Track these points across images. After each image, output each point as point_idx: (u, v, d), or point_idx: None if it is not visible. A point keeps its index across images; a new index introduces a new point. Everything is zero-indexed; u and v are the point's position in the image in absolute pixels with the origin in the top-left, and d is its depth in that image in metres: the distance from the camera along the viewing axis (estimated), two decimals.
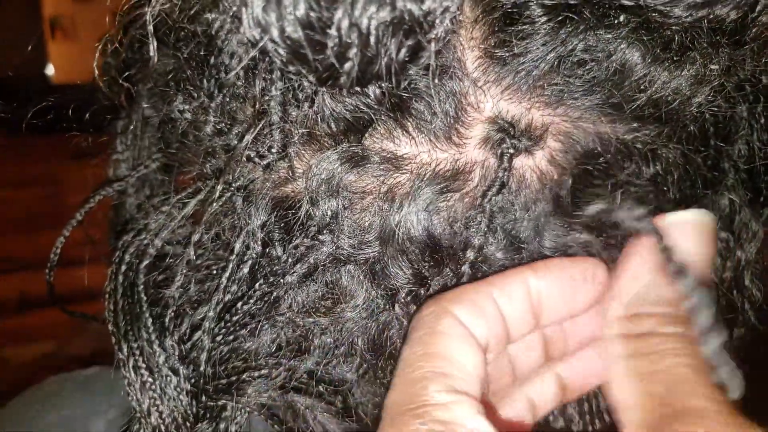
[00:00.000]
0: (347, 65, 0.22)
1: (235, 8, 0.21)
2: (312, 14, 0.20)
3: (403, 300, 0.29)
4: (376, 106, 0.25)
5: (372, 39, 0.21)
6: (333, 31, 0.21)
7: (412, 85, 0.25)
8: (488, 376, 0.26)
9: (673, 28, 0.25)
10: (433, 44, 0.22)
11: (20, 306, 2.22)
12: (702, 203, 0.34)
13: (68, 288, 0.46)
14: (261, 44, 0.21)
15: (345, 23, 0.20)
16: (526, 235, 0.28)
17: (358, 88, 0.24)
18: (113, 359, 0.49)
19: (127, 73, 0.33)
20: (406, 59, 0.22)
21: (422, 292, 0.28)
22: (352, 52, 0.21)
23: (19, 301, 2.24)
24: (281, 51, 0.22)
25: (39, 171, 3.32)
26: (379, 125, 0.27)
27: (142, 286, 0.31)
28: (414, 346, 0.25)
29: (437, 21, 0.21)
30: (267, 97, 0.27)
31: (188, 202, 0.31)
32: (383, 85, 0.24)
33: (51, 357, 1.59)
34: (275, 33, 0.21)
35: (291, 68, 0.22)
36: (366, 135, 0.27)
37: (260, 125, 0.27)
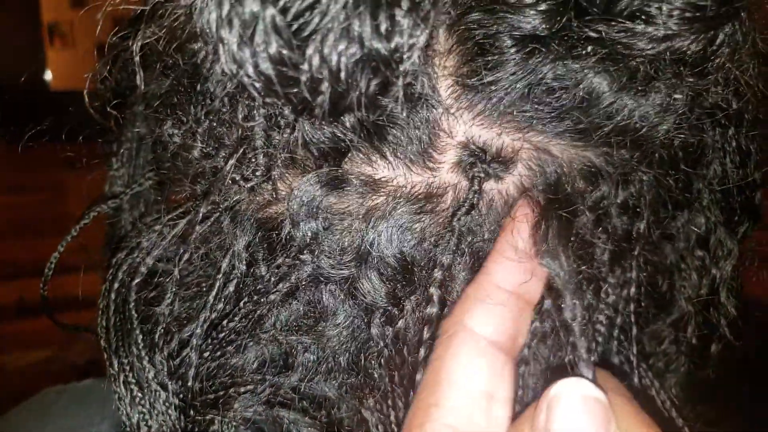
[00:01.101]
0: (320, 99, 0.23)
1: (212, 44, 0.22)
2: (284, 51, 0.21)
3: (378, 321, 0.30)
4: (351, 135, 0.27)
5: (342, 74, 0.22)
6: (305, 67, 0.22)
7: (387, 113, 0.26)
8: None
9: (638, 59, 0.26)
10: (401, 79, 0.23)
11: (18, 312, 2.23)
12: (677, 223, 0.35)
13: (66, 295, 0.47)
14: (237, 79, 0.22)
15: (316, 60, 0.22)
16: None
17: (331, 119, 0.25)
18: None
19: (117, 98, 0.35)
20: (377, 92, 0.23)
21: (396, 312, 0.29)
22: (324, 86, 0.22)
23: (17, 306, 2.25)
24: (257, 85, 0.23)
25: (39, 178, 3.33)
26: (357, 150, 0.28)
27: (133, 304, 0.32)
28: (426, 371, 0.27)
29: (405, 56, 0.22)
30: (250, 123, 0.28)
31: (178, 222, 0.32)
32: (358, 114, 0.25)
33: (48, 363, 1.60)
34: (250, 69, 0.22)
35: (267, 100, 0.23)
36: (345, 159, 0.28)
37: (242, 149, 0.28)
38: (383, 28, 0.21)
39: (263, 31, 0.21)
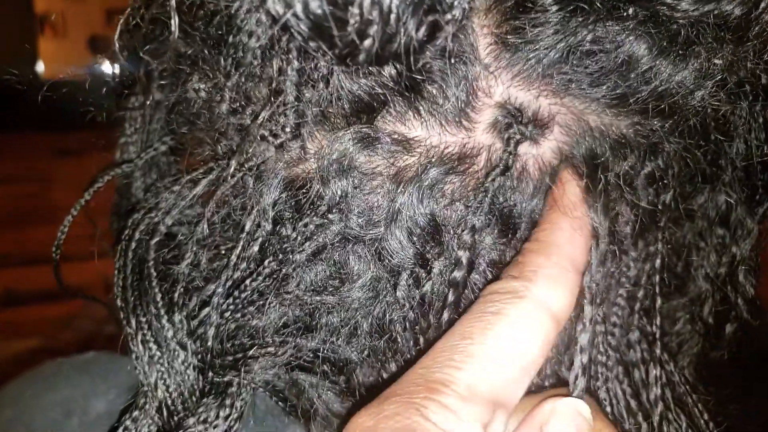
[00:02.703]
0: (367, 42, 0.22)
1: None
2: None
3: (404, 282, 0.29)
4: (390, 87, 0.26)
5: (392, 17, 0.22)
6: (355, 8, 0.21)
7: (426, 68, 0.26)
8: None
9: (680, 21, 0.26)
10: (450, 25, 0.22)
11: (6, 302, 2.20)
12: (699, 200, 0.35)
13: (55, 284, 0.46)
14: (284, 19, 0.22)
15: (367, 1, 0.21)
16: (519, 222, 0.29)
17: (375, 68, 0.24)
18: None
19: (146, 47, 0.34)
20: (424, 39, 0.23)
21: (423, 274, 0.29)
22: (373, 29, 0.22)
23: (5, 296, 2.22)
24: (303, 26, 0.22)
25: (25, 167, 3.30)
26: (391, 107, 0.27)
27: (152, 262, 0.31)
28: (458, 329, 0.25)
29: (455, 2, 0.22)
30: (282, 77, 0.27)
31: (200, 181, 0.32)
32: (399, 66, 0.25)
33: (37, 352, 1.58)
34: (298, 8, 0.22)
35: (311, 44, 0.23)
36: (378, 117, 0.28)
37: (275, 105, 0.28)
38: None
39: None
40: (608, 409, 0.31)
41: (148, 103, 0.40)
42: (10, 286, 2.25)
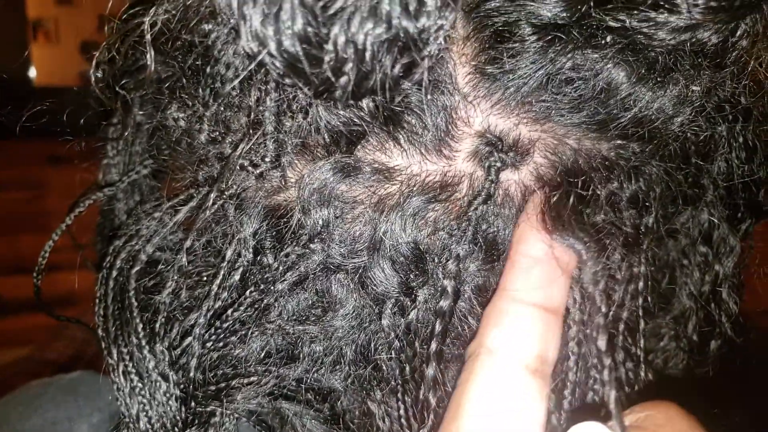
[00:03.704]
0: (343, 80, 0.22)
1: (233, 21, 0.22)
2: (309, 29, 0.21)
3: (389, 311, 0.29)
4: (369, 119, 0.26)
5: (368, 55, 0.21)
6: (329, 46, 0.21)
7: (405, 99, 0.26)
8: None
9: (658, 50, 0.26)
10: (426, 61, 0.22)
11: None
12: (681, 219, 0.35)
13: (47, 293, 0.46)
14: (259, 57, 0.22)
15: (342, 39, 0.21)
16: (503, 247, 0.29)
17: (352, 102, 0.24)
18: (90, 365, 0.49)
19: (122, 80, 0.34)
20: (401, 75, 0.23)
21: (408, 303, 0.29)
22: (348, 67, 0.22)
23: None
24: (278, 64, 0.22)
25: (18, 175, 3.29)
26: (371, 137, 0.27)
27: (132, 292, 0.31)
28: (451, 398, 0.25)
29: (431, 38, 0.22)
30: (262, 108, 0.27)
31: (180, 208, 0.32)
32: (376, 99, 0.25)
33: (27, 361, 1.57)
34: (273, 46, 0.21)
35: (287, 81, 0.23)
36: (358, 146, 0.28)
37: (255, 135, 0.27)
38: (412, 7, 0.21)
39: (290, 8, 0.21)
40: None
41: (128, 127, 0.40)
42: (1, 294, 2.24)
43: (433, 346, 0.28)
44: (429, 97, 0.26)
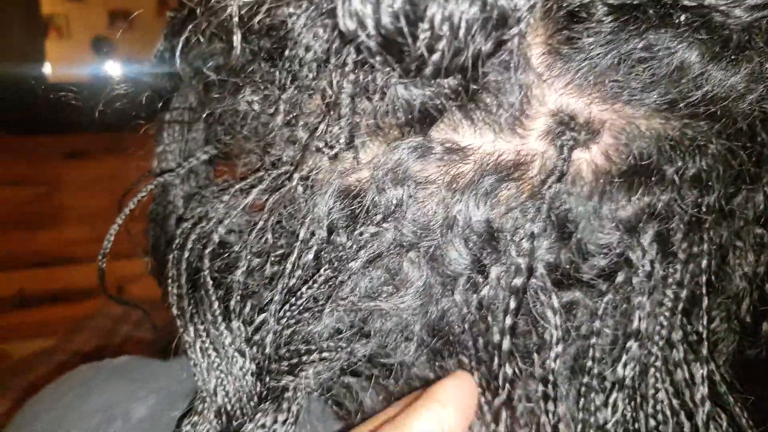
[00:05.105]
0: (435, 57, 0.23)
1: (327, 1, 0.22)
2: (407, 7, 0.22)
3: (462, 288, 0.30)
4: (449, 98, 0.27)
5: (462, 32, 0.22)
6: (426, 24, 0.22)
7: (484, 78, 0.27)
8: None
9: (732, 27, 0.26)
10: (516, 39, 0.23)
11: (20, 303, 2.21)
12: (737, 199, 0.36)
13: (67, 285, 0.47)
14: (356, 35, 0.22)
15: (438, 17, 0.22)
16: (575, 225, 0.30)
17: (436, 80, 0.25)
18: (118, 355, 0.49)
19: (202, 64, 0.34)
20: (490, 52, 0.23)
21: (480, 280, 0.29)
22: (442, 44, 0.22)
23: (18, 298, 2.23)
24: (372, 42, 0.23)
25: (33, 170, 3.31)
26: (446, 117, 0.28)
27: (207, 271, 0.32)
28: None
29: (523, 15, 0.22)
30: (338, 90, 0.28)
31: (251, 190, 0.32)
32: (459, 77, 0.26)
33: (53, 352, 1.59)
34: (371, 24, 0.22)
35: (378, 59, 0.24)
36: (433, 126, 0.28)
37: (332, 117, 0.28)
38: None
39: None
40: (648, 410, 0.31)
41: (186, 114, 0.41)
42: (21, 287, 2.26)
43: (508, 321, 0.28)
44: (509, 75, 0.27)
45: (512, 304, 0.28)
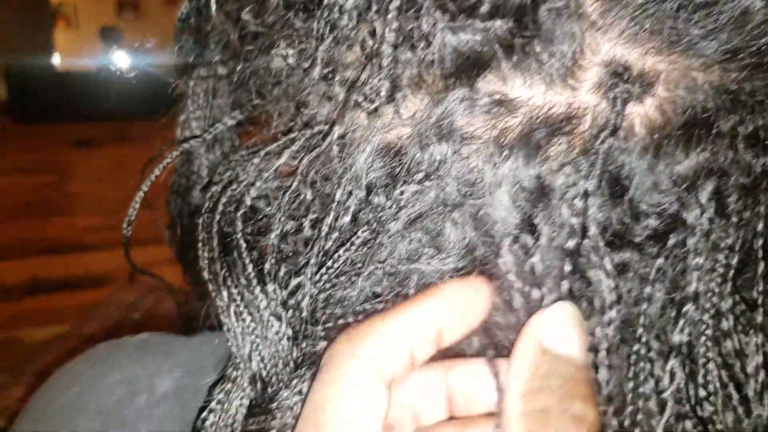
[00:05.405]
0: None
1: None
2: None
3: (509, 248, 0.28)
4: (501, 44, 0.25)
5: None
6: None
7: (536, 25, 0.25)
8: (393, 418, 0.28)
9: None
10: None
11: (31, 290, 2.22)
12: None
13: (81, 272, 0.46)
14: None
15: None
16: (627, 183, 0.28)
17: (489, 23, 0.24)
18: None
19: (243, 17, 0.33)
20: None
21: (529, 242, 0.28)
22: None
23: (29, 285, 2.24)
24: None
25: (44, 159, 3.32)
26: (494, 67, 0.27)
27: (240, 234, 0.31)
28: (317, 389, 0.27)
29: None
30: (379, 39, 0.26)
31: (283, 152, 0.31)
32: (511, 22, 0.24)
33: (65, 338, 1.59)
34: None
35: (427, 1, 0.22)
36: (480, 78, 0.27)
37: (372, 69, 0.27)
38: None
39: None
40: (698, 379, 0.30)
41: (204, 83, 0.40)
42: (33, 274, 2.27)
43: (565, 286, 0.27)
44: (563, 22, 0.25)
45: (568, 267, 0.27)
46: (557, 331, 0.27)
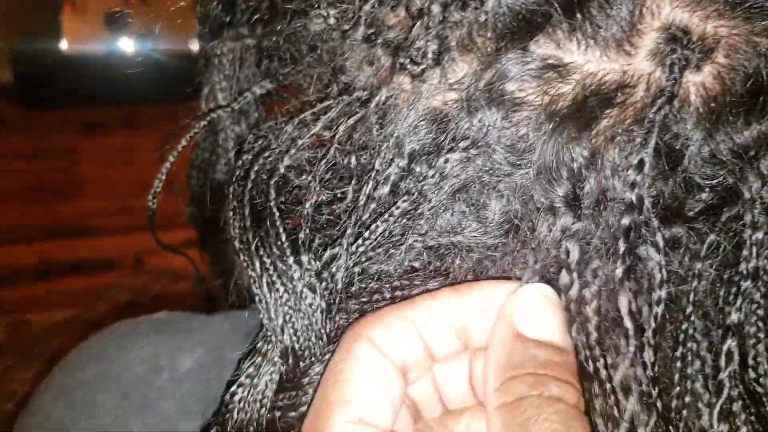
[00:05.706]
0: None
1: None
2: None
3: (559, 222, 0.27)
4: (559, 4, 0.24)
5: None
6: None
7: None
8: (413, 400, 0.28)
9: None
10: None
11: (39, 274, 2.22)
12: None
13: (88, 257, 0.45)
14: None
15: None
16: (681, 156, 0.27)
17: None
18: None
19: None
20: None
21: (579, 215, 0.27)
22: None
23: (37, 269, 2.24)
24: None
25: (52, 143, 3.30)
26: (548, 30, 0.25)
27: (273, 202, 0.30)
28: (328, 374, 0.27)
29: None
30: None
31: (318, 119, 0.30)
32: None
33: (73, 322, 1.59)
34: None
35: None
36: (534, 39, 0.26)
37: (419, 29, 0.26)
38: None
39: None
40: (749, 361, 0.29)
41: (230, 53, 0.39)
42: (41, 258, 2.26)
43: (619, 271, 0.26)
44: None
45: (622, 247, 0.25)
46: (530, 315, 0.26)
